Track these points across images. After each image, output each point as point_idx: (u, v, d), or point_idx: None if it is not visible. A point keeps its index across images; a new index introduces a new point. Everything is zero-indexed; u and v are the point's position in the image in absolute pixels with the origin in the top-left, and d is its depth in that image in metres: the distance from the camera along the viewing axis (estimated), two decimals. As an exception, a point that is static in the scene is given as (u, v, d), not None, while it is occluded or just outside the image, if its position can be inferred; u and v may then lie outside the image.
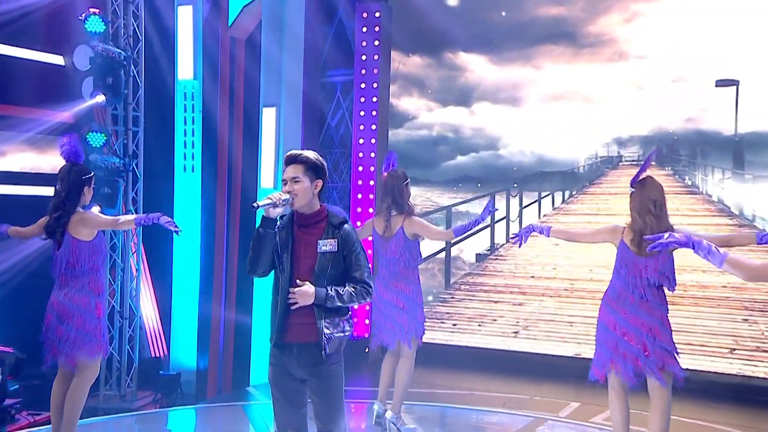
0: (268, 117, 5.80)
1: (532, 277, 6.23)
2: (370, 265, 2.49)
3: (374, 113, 6.32)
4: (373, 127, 6.39)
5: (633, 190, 3.13)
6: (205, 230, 5.77)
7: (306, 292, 2.39)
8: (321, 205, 2.51)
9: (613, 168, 6.11)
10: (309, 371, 2.43)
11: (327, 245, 2.45)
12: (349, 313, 2.49)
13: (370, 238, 4.03)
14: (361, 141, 6.48)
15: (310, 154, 2.48)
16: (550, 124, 6.09)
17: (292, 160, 2.49)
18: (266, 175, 5.83)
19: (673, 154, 5.68)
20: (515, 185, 6.29)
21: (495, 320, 6.03)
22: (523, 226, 5.42)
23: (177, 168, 5.65)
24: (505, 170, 6.25)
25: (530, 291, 6.17)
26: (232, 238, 5.82)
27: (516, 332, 5.95)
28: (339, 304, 2.42)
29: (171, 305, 5.83)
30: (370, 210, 6.39)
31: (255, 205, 2.31)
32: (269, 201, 2.38)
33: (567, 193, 6.32)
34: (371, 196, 6.40)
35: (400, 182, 3.86)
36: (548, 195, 6.33)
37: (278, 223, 2.43)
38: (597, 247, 5.47)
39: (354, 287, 2.46)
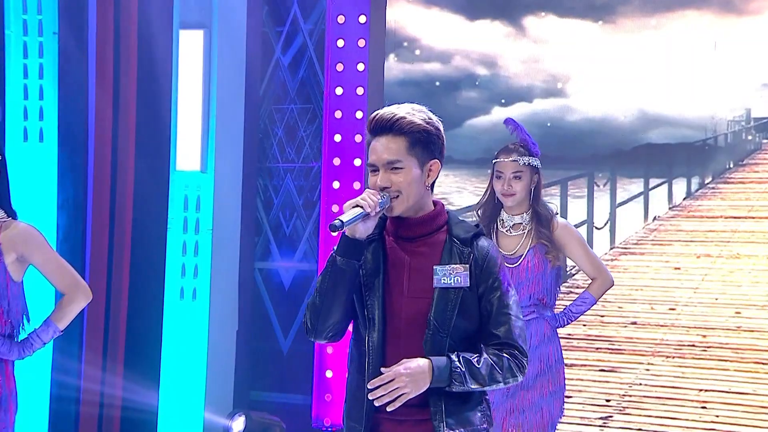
0: (190, 46, 5.43)
1: (634, 323, 5.75)
2: (522, 316, 2.30)
3: (362, 43, 5.79)
4: (361, 67, 5.76)
5: None
6: (66, 240, 4.96)
7: (414, 371, 2.17)
8: (436, 205, 2.32)
9: None
10: None
11: (451, 275, 2.26)
12: (487, 399, 2.33)
13: None
14: (339, 91, 5.78)
15: (416, 114, 2.26)
16: (663, 56, 5.64)
17: (384, 128, 2.25)
18: (188, 149, 5.40)
19: None
20: (603, 168, 5.91)
21: (570, 397, 5.29)
22: (617, 235, 5.86)
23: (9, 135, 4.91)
24: (581, 137, 5.81)
25: (630, 347, 5.75)
26: (117, 258, 4.97)
27: (605, 418, 5.57)
28: (473, 386, 2.22)
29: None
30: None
31: (337, 224, 2.11)
32: (357, 211, 2.17)
33: (694, 180, 5.96)
34: (357, 186, 5.72)
35: None
36: (662, 184, 5.98)
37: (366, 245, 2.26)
38: (749, 272, 5.52)
39: (497, 354, 2.26)
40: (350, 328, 2.41)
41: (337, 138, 5.78)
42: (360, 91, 5.75)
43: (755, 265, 5.57)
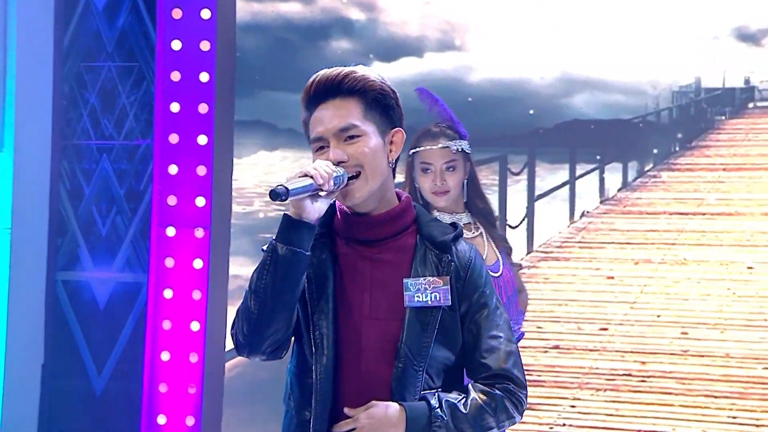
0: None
1: (556, 348, 5.81)
2: (514, 339, 2.34)
3: (206, -23, 5.91)
4: (206, 14, 5.55)
5: None
6: None
7: (381, 421, 2.14)
8: (401, 198, 2.30)
9: (736, 112, 5.99)
10: None
11: (427, 291, 2.22)
12: None
13: None
14: (177, 45, 5.58)
15: (371, 73, 2.29)
16: (592, 3, 5.79)
17: (330, 89, 2.26)
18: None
19: None
20: (518, 149, 6.13)
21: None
22: (536, 236, 6.08)
23: None
24: (487, 106, 5.86)
25: (551, 378, 5.74)
26: None
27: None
28: None
29: None
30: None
31: (280, 191, 2.06)
32: (306, 182, 2.11)
33: (632, 167, 6.11)
34: (203, 171, 5.47)
35: None
36: (592, 171, 6.08)
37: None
38: (698, 282, 5.64)
39: (487, 391, 2.23)
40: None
41: (175, 107, 5.49)
42: (205, 45, 5.49)
43: (705, 273, 5.67)
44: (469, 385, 2.28)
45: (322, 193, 2.17)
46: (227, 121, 5.51)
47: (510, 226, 6.03)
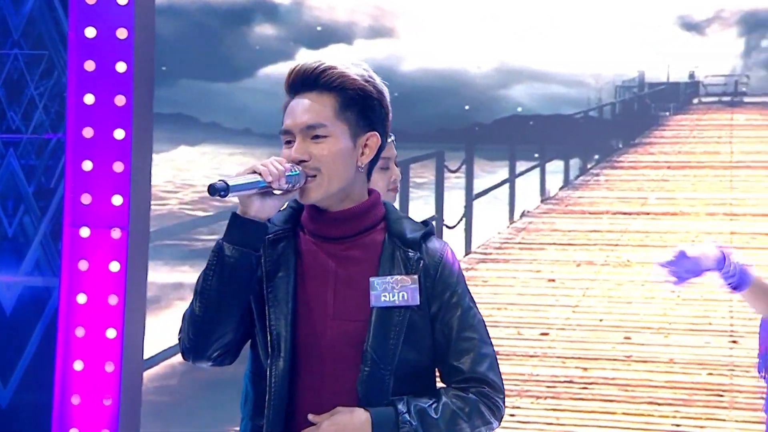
0: None
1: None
2: (490, 340, 2.36)
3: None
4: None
5: None
6: None
7: (345, 427, 2.16)
8: (371, 194, 2.32)
9: (680, 108, 6.08)
10: None
11: (395, 290, 2.22)
12: None
13: None
14: (92, 32, 5.38)
15: (352, 68, 2.28)
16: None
17: (306, 82, 2.27)
18: None
19: None
20: (455, 146, 6.10)
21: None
22: (474, 237, 6.06)
23: None
24: (422, 98, 5.86)
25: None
26: None
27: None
28: None
29: None
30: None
31: (219, 186, 2.09)
32: (253, 178, 2.15)
33: (573, 164, 6.19)
34: (121, 168, 5.33)
35: None
36: (532, 169, 6.19)
37: (268, 233, 2.28)
38: (642, 285, 5.72)
39: (460, 396, 2.22)
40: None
41: (89, 99, 5.34)
42: (122, 33, 5.36)
43: (649, 275, 5.68)
44: (442, 390, 2.27)
45: (276, 191, 2.17)
46: (146, 114, 5.42)
47: (447, 227, 6.04)
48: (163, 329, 6.04)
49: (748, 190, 6.18)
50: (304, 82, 2.26)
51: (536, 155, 6.23)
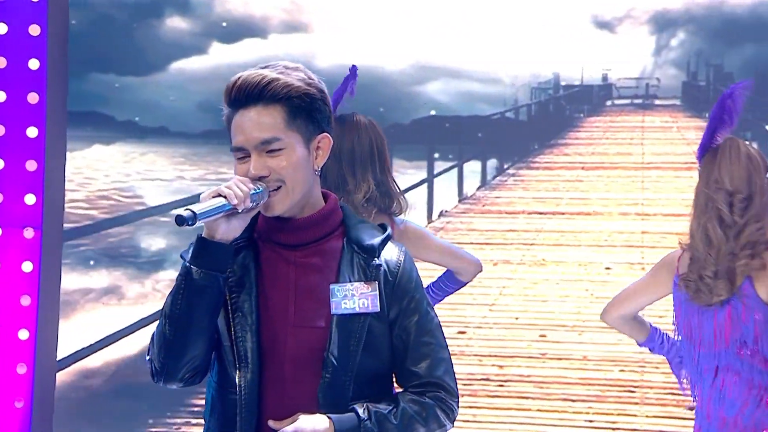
0: None
1: None
2: (446, 344, 2.39)
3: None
4: None
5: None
6: None
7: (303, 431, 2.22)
8: (328, 199, 2.33)
9: (594, 109, 6.18)
10: None
11: (354, 297, 2.24)
12: None
13: None
14: (3, 29, 5.36)
15: (291, 73, 2.27)
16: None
17: (251, 96, 2.25)
18: None
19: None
20: None
21: None
22: None
23: None
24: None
25: None
26: None
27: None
28: None
29: None
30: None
31: (186, 215, 2.09)
32: (219, 202, 2.15)
33: (490, 165, 6.20)
34: (33, 167, 5.32)
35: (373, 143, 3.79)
36: (450, 169, 6.20)
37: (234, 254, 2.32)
38: (557, 284, 5.80)
39: (417, 400, 2.27)
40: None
41: (1, 96, 5.30)
42: (35, 29, 5.29)
43: (564, 274, 5.68)
44: (399, 395, 2.30)
45: (241, 208, 2.17)
46: (60, 111, 5.32)
47: (366, 227, 6.08)
48: (74, 331, 5.93)
49: (659, 190, 6.24)
50: (248, 96, 2.25)
51: (450, 156, 6.25)
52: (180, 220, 2.10)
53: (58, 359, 5.08)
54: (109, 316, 6.08)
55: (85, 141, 6.00)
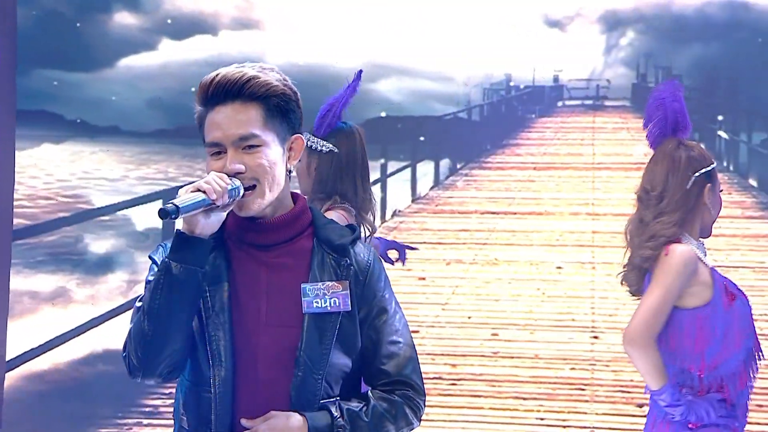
0: None
1: None
2: (413, 343, 2.39)
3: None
4: None
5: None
6: None
7: (280, 430, 2.19)
8: (297, 200, 2.33)
9: (546, 110, 6.21)
10: None
11: (326, 296, 2.25)
12: None
13: None
14: None
15: (269, 73, 2.26)
16: None
17: (229, 93, 2.24)
18: None
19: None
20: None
21: None
22: None
23: None
24: None
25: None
26: None
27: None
28: None
29: None
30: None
31: (170, 209, 2.08)
32: (198, 197, 2.13)
33: (443, 165, 6.12)
34: None
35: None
36: (403, 169, 6.10)
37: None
38: (509, 283, 5.81)
39: (387, 398, 2.29)
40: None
41: None
42: None
43: (516, 273, 5.68)
44: (369, 393, 2.31)
45: (219, 203, 2.16)
46: (8, 111, 5.19)
47: (320, 226, 6.01)
48: (22, 332, 5.84)
49: (609, 190, 6.27)
50: (227, 93, 2.24)
51: (401, 156, 6.20)
52: (163, 214, 2.10)
53: (7, 359, 4.99)
54: (57, 317, 5.99)
55: (34, 140, 5.70)
